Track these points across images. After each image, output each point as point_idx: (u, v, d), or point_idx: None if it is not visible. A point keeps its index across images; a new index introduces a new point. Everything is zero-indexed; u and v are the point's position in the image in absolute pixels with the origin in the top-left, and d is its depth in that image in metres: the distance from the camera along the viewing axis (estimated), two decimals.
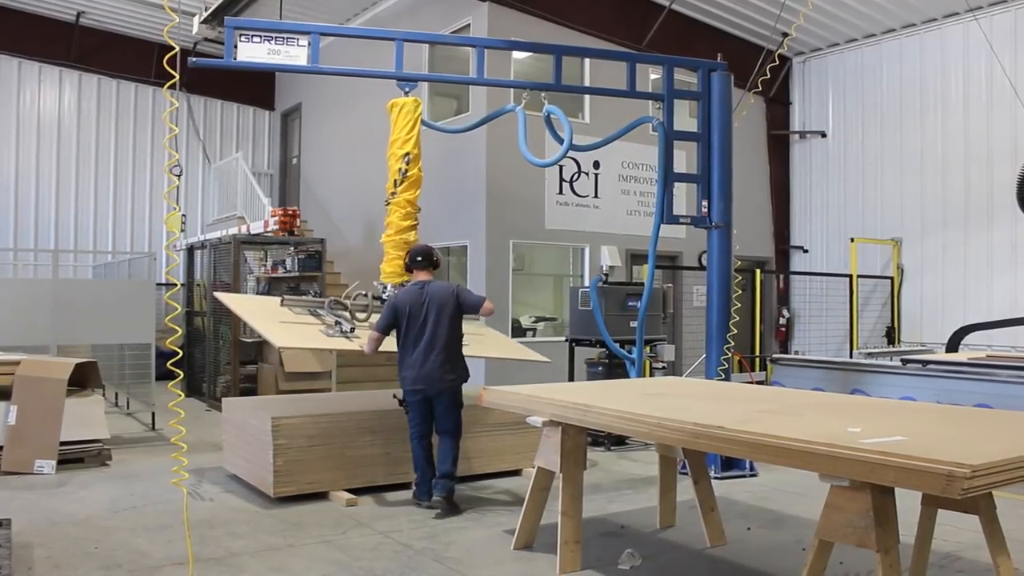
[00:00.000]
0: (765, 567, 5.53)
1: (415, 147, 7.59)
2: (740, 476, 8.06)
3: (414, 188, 7.61)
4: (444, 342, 6.67)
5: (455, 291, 6.82)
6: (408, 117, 7.58)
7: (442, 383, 6.70)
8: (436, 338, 6.67)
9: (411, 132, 7.55)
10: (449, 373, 6.71)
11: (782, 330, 16.26)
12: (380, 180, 15.29)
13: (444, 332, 6.67)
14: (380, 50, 15.43)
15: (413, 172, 7.56)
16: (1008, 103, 12.46)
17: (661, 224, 8.32)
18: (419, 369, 6.67)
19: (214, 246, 13.51)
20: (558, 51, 8.08)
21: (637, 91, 8.48)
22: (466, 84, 8.34)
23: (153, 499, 7.03)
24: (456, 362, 6.79)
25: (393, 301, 6.87)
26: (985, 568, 4.76)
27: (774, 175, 16.91)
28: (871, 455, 3.52)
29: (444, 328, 6.68)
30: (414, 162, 7.56)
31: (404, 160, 7.53)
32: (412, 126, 7.56)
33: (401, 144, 7.57)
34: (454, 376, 6.75)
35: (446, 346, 6.68)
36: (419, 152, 7.64)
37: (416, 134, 7.59)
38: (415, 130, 7.58)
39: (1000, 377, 8.69)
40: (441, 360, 6.67)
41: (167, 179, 6.35)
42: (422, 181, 7.76)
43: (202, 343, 13.62)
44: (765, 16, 14.25)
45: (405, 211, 7.63)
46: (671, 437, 4.59)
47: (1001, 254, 13.49)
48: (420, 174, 7.69)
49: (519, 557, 5.63)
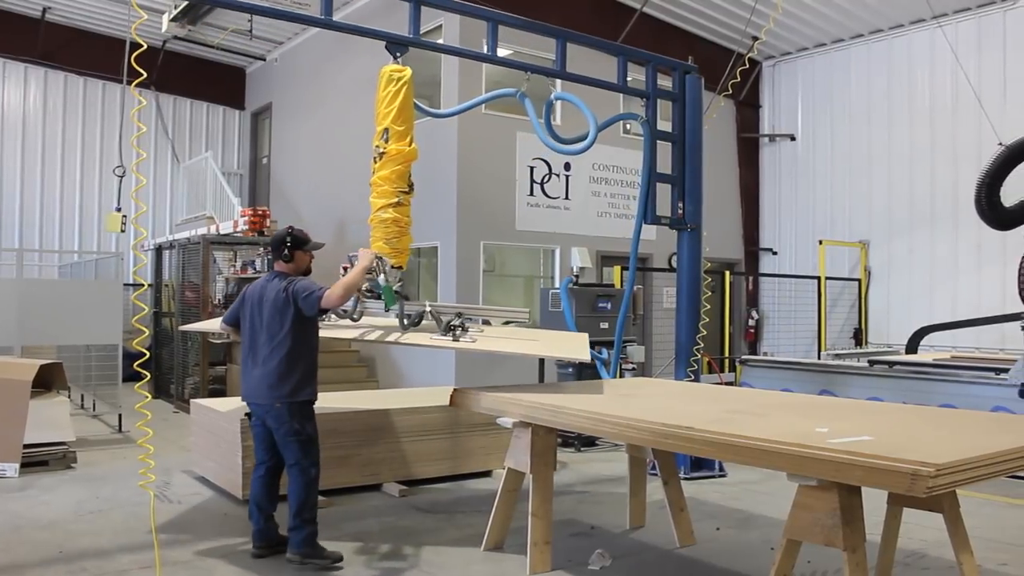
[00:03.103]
0: (734, 567, 5.57)
1: (397, 122, 6.71)
2: (709, 476, 8.11)
3: (391, 165, 6.72)
4: (269, 351, 5.41)
5: (289, 288, 5.42)
6: (389, 87, 6.75)
7: (267, 401, 5.42)
8: (261, 345, 5.46)
9: (391, 105, 6.70)
10: (274, 389, 5.38)
11: (751, 331, 16.38)
12: (350, 180, 15.35)
13: (274, 338, 5.41)
14: (355, 46, 15.43)
15: (391, 148, 6.70)
16: (972, 107, 12.64)
17: (636, 226, 8.32)
18: (246, 382, 5.55)
19: (183, 246, 13.39)
20: (561, 36, 7.92)
21: (628, 87, 8.40)
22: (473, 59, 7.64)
23: (120, 502, 6.95)
24: (285, 376, 5.39)
25: (243, 291, 5.81)
26: (949, 565, 4.81)
27: (744, 177, 17.03)
28: (838, 455, 3.56)
29: (275, 332, 5.41)
30: (395, 138, 6.72)
31: (382, 136, 6.76)
32: (392, 98, 6.71)
33: (381, 118, 6.80)
34: (279, 394, 5.38)
35: (271, 355, 5.40)
36: (407, 128, 6.78)
37: (398, 107, 6.71)
38: (396, 103, 6.71)
39: (964, 378, 8.82)
40: (264, 372, 5.41)
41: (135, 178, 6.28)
42: (410, 159, 6.88)
43: (170, 344, 13.49)
44: (736, 20, 14.36)
45: (380, 190, 6.83)
46: (641, 438, 4.61)
47: (966, 256, 13.67)
48: (406, 150, 6.78)
49: (489, 558, 5.63)
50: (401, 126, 6.72)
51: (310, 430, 5.49)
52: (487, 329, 6.56)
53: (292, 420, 5.40)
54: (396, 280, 6.40)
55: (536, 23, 7.62)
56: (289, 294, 5.39)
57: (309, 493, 5.41)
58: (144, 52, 5.28)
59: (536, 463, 5.33)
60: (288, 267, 5.61)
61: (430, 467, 7.73)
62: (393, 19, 14.33)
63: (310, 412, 5.54)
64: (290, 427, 5.40)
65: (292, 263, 5.62)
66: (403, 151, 6.74)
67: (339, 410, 7.45)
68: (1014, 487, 7.69)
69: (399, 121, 6.71)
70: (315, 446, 5.53)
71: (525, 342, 6.55)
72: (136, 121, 5.60)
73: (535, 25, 7.65)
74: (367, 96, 15.01)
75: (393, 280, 6.32)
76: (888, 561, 4.77)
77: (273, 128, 18.59)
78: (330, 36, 16.13)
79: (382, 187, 6.79)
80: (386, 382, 13.64)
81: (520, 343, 6.45)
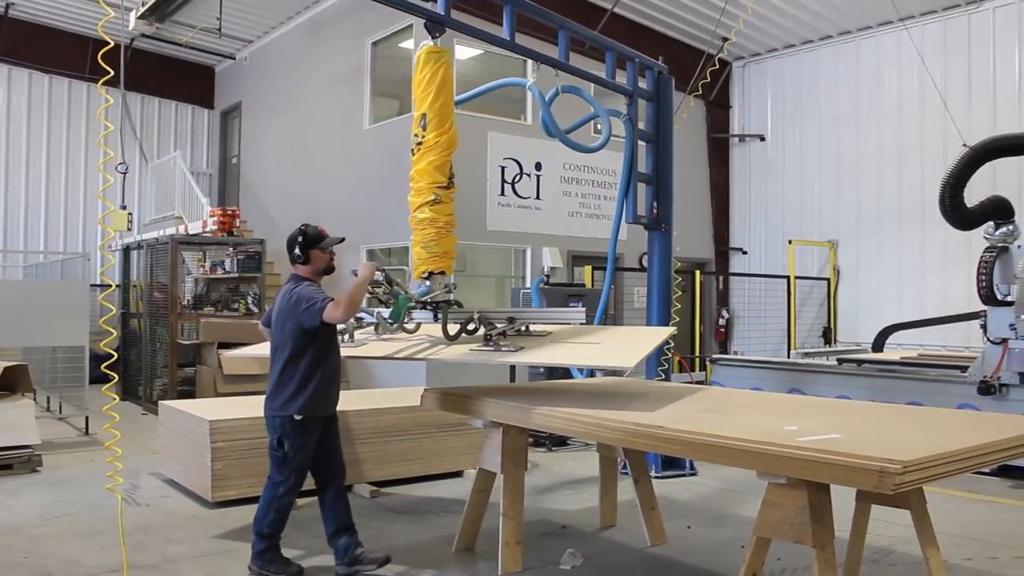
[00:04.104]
0: (705, 565, 5.60)
1: (435, 106, 6.02)
2: (680, 475, 8.15)
3: (429, 156, 6.07)
4: (273, 359, 5.24)
5: (293, 293, 5.12)
6: (426, 68, 6.02)
7: (264, 410, 5.26)
8: (272, 354, 5.27)
9: (428, 88, 6.00)
10: (269, 400, 5.22)
11: (721, 331, 16.48)
12: (321, 179, 15.27)
13: (277, 347, 5.20)
14: (323, 44, 15.36)
15: (429, 138, 6.03)
16: (938, 108, 12.79)
17: (615, 225, 8.31)
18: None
19: (151, 246, 13.25)
20: (564, 27, 7.85)
21: (616, 83, 8.37)
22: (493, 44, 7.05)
23: (86, 505, 6.87)
24: (278, 387, 5.15)
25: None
26: (916, 561, 4.87)
27: (714, 177, 17.13)
28: (807, 453, 3.59)
29: (278, 341, 5.20)
30: (433, 125, 6.03)
31: (420, 123, 6.05)
32: (430, 80, 5.99)
33: (419, 103, 6.08)
34: (270, 404, 5.20)
35: (273, 364, 5.22)
36: (446, 113, 6.10)
37: (436, 90, 6.00)
38: (434, 85, 5.99)
39: (930, 376, 8.94)
40: (271, 381, 5.24)
41: (102, 177, 6.18)
42: (450, 147, 6.20)
43: (138, 345, 13.35)
44: (706, 20, 14.44)
45: (415, 186, 6.23)
46: (611, 437, 4.62)
47: (932, 255, 13.83)
48: (444, 138, 6.10)
49: (460, 558, 5.62)
50: (440, 111, 6.05)
51: (288, 449, 5.12)
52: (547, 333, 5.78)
53: (272, 434, 5.18)
54: (443, 287, 5.96)
55: (546, 10, 7.46)
56: (292, 300, 5.06)
57: (269, 510, 5.17)
58: (111, 50, 5.20)
59: (507, 463, 5.33)
60: (305, 269, 5.27)
61: (401, 468, 7.71)
62: (365, 16, 14.33)
63: (296, 429, 5.11)
64: (271, 440, 5.19)
65: (308, 264, 5.27)
66: (441, 139, 6.07)
67: None
68: (978, 483, 7.80)
69: (437, 105, 6.03)
70: (291, 464, 5.15)
71: (578, 348, 5.48)
72: (103, 120, 5.53)
73: (547, 13, 7.49)
74: (337, 95, 15.00)
75: (439, 287, 5.93)
76: (856, 557, 4.81)
77: (243, 127, 18.45)
78: (300, 34, 16.08)
79: (418, 183, 6.21)
80: (357, 382, 13.57)
81: (571, 350, 5.42)
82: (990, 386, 8.17)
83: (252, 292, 12.84)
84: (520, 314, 5.84)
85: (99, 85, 5.32)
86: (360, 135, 14.28)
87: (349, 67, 14.57)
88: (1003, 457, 4.03)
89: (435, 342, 5.66)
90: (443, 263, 6.10)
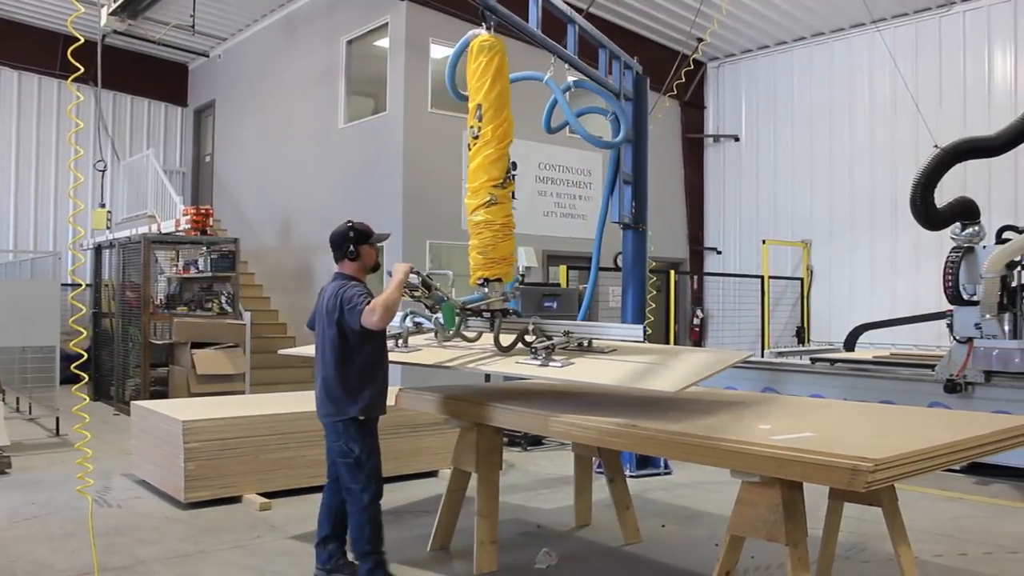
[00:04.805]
0: (680, 563, 5.62)
1: (490, 96, 5.76)
2: (655, 474, 8.18)
3: (485, 151, 5.78)
4: (321, 362, 5.04)
5: (340, 293, 4.90)
6: (480, 57, 5.81)
7: (321, 416, 5.09)
8: (320, 353, 5.08)
9: (483, 77, 5.77)
10: (323, 405, 5.02)
11: (696, 330, 16.56)
12: (294, 179, 15.19)
13: (327, 348, 4.98)
14: (298, 43, 15.28)
15: (485, 130, 5.76)
16: (910, 109, 12.92)
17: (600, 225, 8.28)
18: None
19: (123, 245, 13.12)
20: (572, 22, 7.82)
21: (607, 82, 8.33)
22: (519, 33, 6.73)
23: (57, 507, 6.79)
24: (337, 390, 4.93)
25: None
26: (888, 557, 4.92)
27: (689, 178, 17.20)
28: (780, 451, 3.61)
29: (327, 342, 4.97)
30: (489, 116, 5.77)
31: (476, 115, 5.79)
32: (485, 69, 5.77)
33: (473, 94, 5.85)
34: (326, 411, 5.01)
35: (322, 367, 5.01)
36: (502, 102, 5.81)
37: (491, 78, 5.76)
38: (489, 74, 5.76)
39: (902, 375, 9.02)
40: (320, 385, 5.03)
41: (72, 175, 6.09)
42: (507, 139, 5.86)
43: (110, 345, 13.21)
44: (680, 21, 14.50)
45: (471, 187, 5.86)
46: (586, 436, 4.63)
47: (904, 255, 13.97)
48: (501, 129, 5.79)
49: (435, 558, 5.61)
50: (496, 100, 5.79)
51: (359, 451, 4.94)
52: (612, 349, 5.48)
53: (338, 440, 4.98)
54: (500, 296, 5.67)
55: (558, 5, 7.43)
56: (338, 301, 4.86)
57: (363, 522, 4.94)
58: (82, 47, 5.14)
59: (482, 463, 5.33)
60: (354, 266, 5.05)
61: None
62: (340, 15, 14.28)
63: (361, 431, 4.97)
64: (338, 447, 4.99)
65: (358, 260, 5.06)
66: (499, 131, 5.77)
67: (284, 412, 7.36)
68: (949, 480, 7.89)
69: (493, 95, 5.77)
70: (366, 468, 4.99)
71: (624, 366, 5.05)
72: (73, 117, 5.46)
73: (559, 8, 7.46)
74: (312, 93, 14.91)
75: (495, 295, 5.66)
76: (829, 555, 4.85)
77: (217, 125, 18.32)
78: (275, 32, 15.99)
79: (473, 182, 5.87)
80: None
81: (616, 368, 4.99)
82: (956, 384, 8.26)
83: (226, 292, 12.74)
84: (577, 328, 5.60)
85: (68, 82, 5.25)
86: (335, 134, 14.23)
87: (324, 66, 14.51)
88: (972, 455, 4.08)
89: (488, 352, 5.47)
90: (500, 269, 5.79)
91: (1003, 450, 4.21)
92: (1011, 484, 7.85)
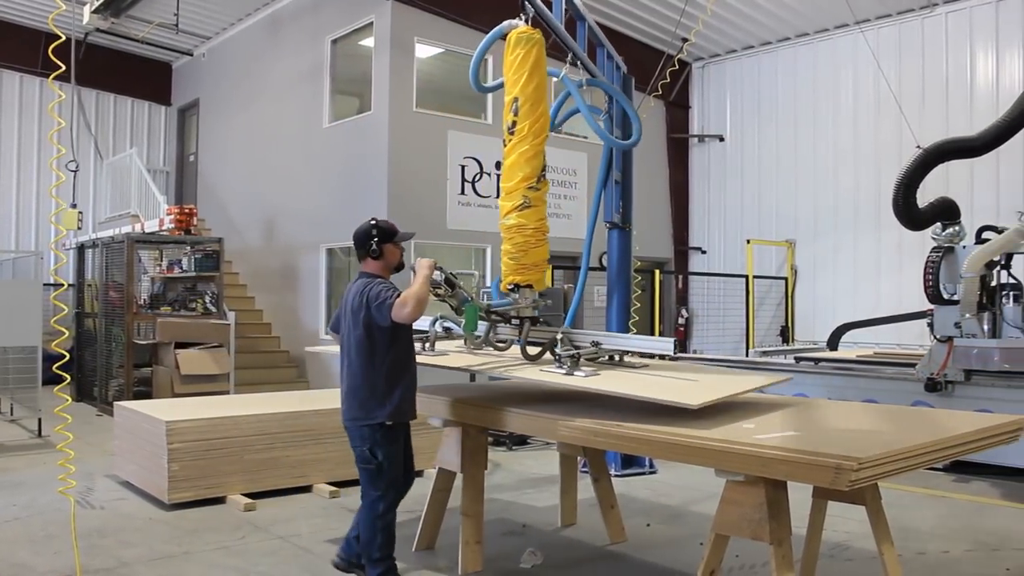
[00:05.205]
0: (664, 562, 5.63)
1: (527, 88, 5.57)
2: (640, 473, 8.19)
3: (520, 147, 5.57)
4: (347, 364, 4.91)
5: (366, 291, 4.78)
6: (517, 50, 5.68)
7: (345, 420, 4.96)
8: (344, 356, 4.96)
9: (519, 71, 5.63)
10: (354, 409, 4.87)
11: (681, 330, 16.60)
12: (278, 178, 15.13)
13: (353, 349, 4.86)
14: (282, 42, 15.22)
15: (522, 125, 5.58)
16: (893, 109, 13.00)
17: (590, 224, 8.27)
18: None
19: (106, 245, 13.04)
20: (582, 19, 7.80)
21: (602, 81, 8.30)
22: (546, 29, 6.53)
23: (39, 509, 6.73)
24: (364, 392, 4.82)
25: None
26: (871, 555, 4.93)
27: (674, 177, 17.24)
28: (764, 450, 3.62)
29: (353, 343, 4.85)
30: (526, 110, 5.58)
31: (512, 108, 5.60)
32: (522, 62, 5.63)
33: (510, 86, 5.67)
34: (351, 415, 4.88)
35: (348, 369, 4.90)
36: (539, 95, 5.65)
37: (528, 71, 5.60)
38: (526, 67, 5.61)
39: (885, 374, 9.07)
40: (347, 388, 4.91)
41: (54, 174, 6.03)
42: (543, 133, 5.69)
43: (93, 346, 13.13)
44: (665, 21, 14.54)
45: (504, 187, 5.65)
46: (571, 436, 4.63)
47: (888, 255, 14.05)
48: (536, 125, 5.63)
49: (421, 558, 5.60)
50: (533, 94, 5.61)
51: (381, 457, 4.83)
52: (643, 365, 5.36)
53: (362, 445, 4.86)
54: (529, 303, 5.52)
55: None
56: (364, 299, 4.75)
57: (376, 530, 4.88)
58: (64, 45, 5.10)
59: (467, 463, 5.33)
60: (377, 264, 4.96)
61: None
62: (325, 14, 14.23)
63: (387, 437, 4.86)
64: (359, 452, 4.89)
65: (382, 259, 4.97)
66: (535, 126, 5.60)
67: (268, 412, 7.33)
68: (932, 478, 7.94)
69: (530, 88, 5.60)
70: (387, 476, 4.90)
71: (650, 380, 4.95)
72: (54, 115, 5.42)
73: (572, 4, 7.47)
74: (297, 92, 14.85)
75: (525, 302, 5.51)
76: (813, 553, 4.87)
77: (201, 125, 18.22)
78: (259, 31, 15.94)
79: (508, 182, 5.66)
80: (316, 382, 13.48)
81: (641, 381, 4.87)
82: (936, 383, 8.31)
83: (210, 291, 12.69)
84: (607, 339, 5.46)
85: (50, 80, 5.21)
86: (320, 133, 14.18)
87: (308, 65, 14.46)
88: (955, 453, 4.11)
89: (515, 358, 5.37)
90: (531, 276, 5.66)
91: (984, 448, 4.24)
92: (990, 482, 7.91)
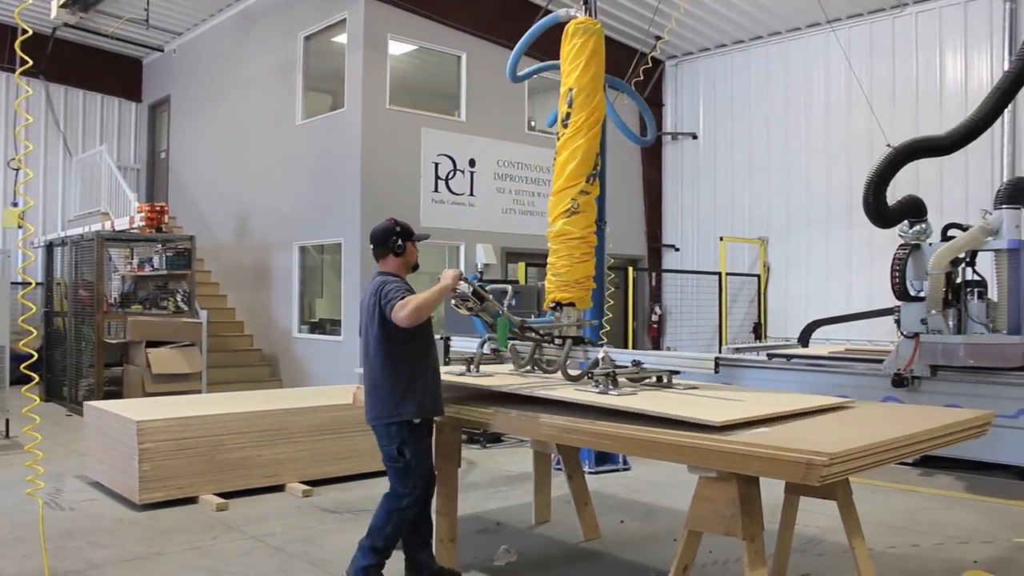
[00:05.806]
0: (638, 558, 5.65)
1: (584, 79, 5.47)
2: (613, 470, 8.22)
3: (574, 142, 5.42)
4: (367, 360, 4.87)
5: (380, 290, 4.73)
6: (574, 40, 5.63)
7: (369, 419, 4.91)
8: (365, 353, 4.91)
9: (575, 60, 5.54)
10: (376, 407, 4.83)
11: (654, 327, 16.66)
12: (250, 175, 15.03)
13: (371, 347, 4.82)
14: (254, 38, 15.11)
15: (577, 117, 5.43)
16: (865, 108, 13.11)
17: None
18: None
19: (76, 243, 12.88)
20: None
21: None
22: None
23: (6, 511, 6.65)
24: (384, 390, 4.77)
25: None
26: (843, 550, 4.98)
27: (647, 175, 17.30)
28: (737, 447, 3.64)
29: (372, 341, 4.80)
30: (580, 102, 5.44)
31: (567, 100, 5.48)
32: (578, 52, 5.56)
33: (565, 76, 5.59)
34: (374, 413, 4.84)
35: (367, 368, 4.87)
36: (595, 86, 5.55)
37: (585, 60, 5.53)
38: (583, 57, 5.53)
39: (856, 370, 9.14)
40: (368, 386, 4.89)
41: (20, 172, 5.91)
42: (598, 120, 5.59)
43: (63, 345, 12.98)
44: (639, 19, 14.58)
45: (557, 183, 5.45)
46: (545, 433, 4.64)
47: (859, 252, 14.16)
48: (592, 117, 5.49)
49: (394, 557, 5.56)
50: (589, 84, 5.48)
51: (409, 455, 4.78)
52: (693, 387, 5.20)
53: (389, 444, 4.81)
54: (571, 321, 5.34)
55: None
56: (379, 297, 4.71)
57: (390, 520, 4.81)
58: (31, 39, 5.04)
59: (441, 460, 5.30)
60: (397, 262, 4.91)
61: (334, 466, 7.63)
62: (297, 10, 14.15)
63: (413, 434, 4.80)
64: (387, 451, 4.84)
65: (403, 256, 4.92)
66: (591, 118, 5.44)
67: (240, 411, 7.28)
68: (902, 473, 8.02)
69: (586, 78, 5.47)
70: (416, 473, 4.82)
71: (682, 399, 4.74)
72: (21, 111, 5.35)
73: None
74: (269, 89, 14.75)
75: (567, 321, 5.30)
76: (785, 548, 4.90)
77: (172, 121, 18.06)
78: (231, 27, 15.81)
79: (558, 178, 5.45)
80: (289, 381, 13.42)
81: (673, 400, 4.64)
82: (903, 379, 8.40)
83: (181, 290, 12.59)
84: (647, 357, 5.25)
85: (16, 75, 5.14)
86: (292, 130, 14.11)
87: (281, 61, 14.38)
88: (924, 448, 4.15)
89: (554, 379, 5.29)
90: (574, 294, 5.49)
91: (952, 443, 4.30)
92: (955, 476, 8.01)
